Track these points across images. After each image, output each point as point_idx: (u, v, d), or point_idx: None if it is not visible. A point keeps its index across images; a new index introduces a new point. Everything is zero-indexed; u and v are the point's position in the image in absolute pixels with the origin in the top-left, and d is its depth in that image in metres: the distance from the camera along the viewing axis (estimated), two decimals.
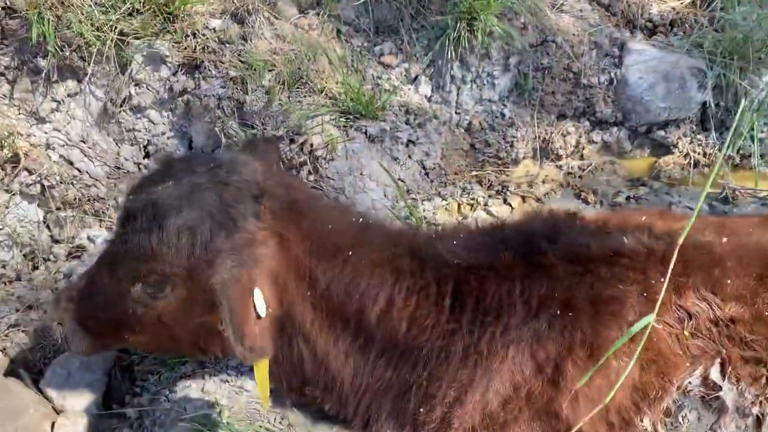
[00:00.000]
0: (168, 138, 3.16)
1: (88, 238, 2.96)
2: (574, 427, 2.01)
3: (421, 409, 2.13)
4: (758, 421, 2.08)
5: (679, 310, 2.05)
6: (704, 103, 3.80)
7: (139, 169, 3.17)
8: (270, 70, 3.02)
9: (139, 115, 3.10)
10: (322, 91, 3.11)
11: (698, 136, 3.83)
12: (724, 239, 2.18)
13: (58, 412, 2.32)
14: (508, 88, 3.68)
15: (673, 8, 3.97)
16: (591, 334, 2.02)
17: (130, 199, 2.06)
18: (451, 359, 2.08)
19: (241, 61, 3.03)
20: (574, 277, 2.06)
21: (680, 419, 2.11)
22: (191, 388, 2.33)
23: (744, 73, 3.77)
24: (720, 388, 2.05)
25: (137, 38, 2.94)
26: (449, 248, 2.15)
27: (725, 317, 2.05)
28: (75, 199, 3.00)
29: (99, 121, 3.08)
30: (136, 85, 3.02)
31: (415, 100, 3.46)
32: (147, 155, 3.21)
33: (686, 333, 2.05)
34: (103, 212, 3.05)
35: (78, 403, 2.36)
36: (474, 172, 3.61)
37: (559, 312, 2.03)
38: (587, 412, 2.04)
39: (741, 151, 3.79)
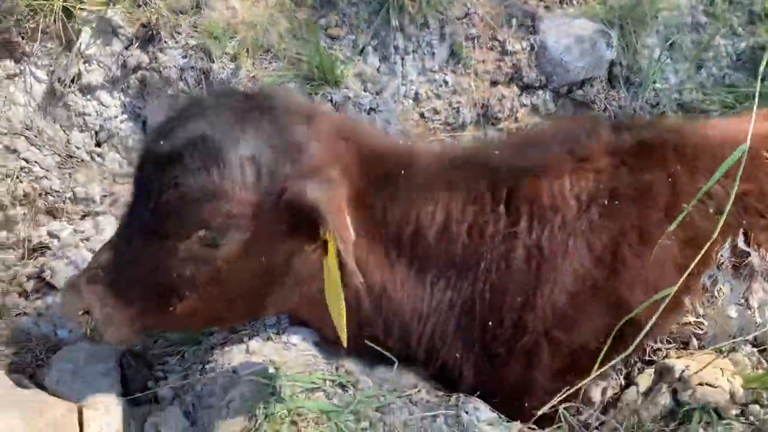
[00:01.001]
0: (121, 122, 2.89)
1: (50, 234, 2.60)
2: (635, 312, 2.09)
3: (490, 323, 2.09)
4: None
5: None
6: (611, 62, 4.18)
7: (92, 158, 2.85)
8: (232, 38, 2.88)
9: (88, 97, 2.80)
10: (284, 58, 3.02)
11: (610, 93, 4.19)
12: (714, 132, 2.41)
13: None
14: (446, 58, 3.80)
15: None
16: (638, 218, 2.12)
17: (161, 144, 1.81)
18: (513, 265, 2.07)
19: (198, 31, 2.87)
20: (615, 168, 2.15)
21: (716, 293, 2.26)
22: (233, 353, 2.10)
23: (639, 34, 4.22)
24: (748, 254, 2.23)
25: (84, 9, 2.68)
26: (495, 156, 2.16)
27: (738, 193, 2.23)
28: (25, 194, 2.62)
29: (43, 105, 2.74)
30: (85, 62, 2.74)
31: (368, 71, 3.46)
32: (98, 143, 2.90)
33: (711, 211, 2.21)
34: (58, 208, 2.69)
35: (96, 395, 2.03)
36: (430, 139, 3.67)
37: (606, 202, 2.11)
38: (645, 297, 2.13)
39: (648, 102, 4.21)
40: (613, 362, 1.91)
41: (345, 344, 1.80)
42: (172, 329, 2.17)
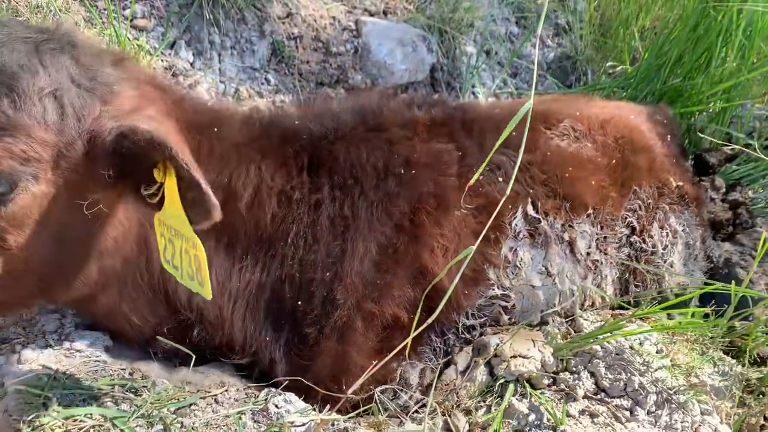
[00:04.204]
0: None
1: None
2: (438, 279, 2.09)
3: (300, 302, 1.99)
4: (571, 246, 2.41)
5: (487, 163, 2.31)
6: (432, 66, 4.31)
7: None
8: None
9: None
10: None
11: (434, 96, 4.31)
12: (496, 110, 2.53)
13: None
14: (267, 57, 3.69)
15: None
16: (433, 186, 2.15)
17: None
18: (319, 236, 2.00)
19: None
20: (408, 140, 2.19)
21: (518, 263, 2.31)
22: None
23: (457, 41, 4.40)
24: (539, 221, 2.32)
25: None
26: (296, 122, 2.11)
27: (523, 163, 2.34)
28: None
29: None
30: None
31: (179, 64, 3.25)
32: None
33: (500, 179, 2.28)
34: None
35: None
36: None
37: (402, 171, 2.12)
38: (445, 263, 2.12)
39: None
40: (419, 329, 1.80)
41: (211, 296, 1.55)
42: None
